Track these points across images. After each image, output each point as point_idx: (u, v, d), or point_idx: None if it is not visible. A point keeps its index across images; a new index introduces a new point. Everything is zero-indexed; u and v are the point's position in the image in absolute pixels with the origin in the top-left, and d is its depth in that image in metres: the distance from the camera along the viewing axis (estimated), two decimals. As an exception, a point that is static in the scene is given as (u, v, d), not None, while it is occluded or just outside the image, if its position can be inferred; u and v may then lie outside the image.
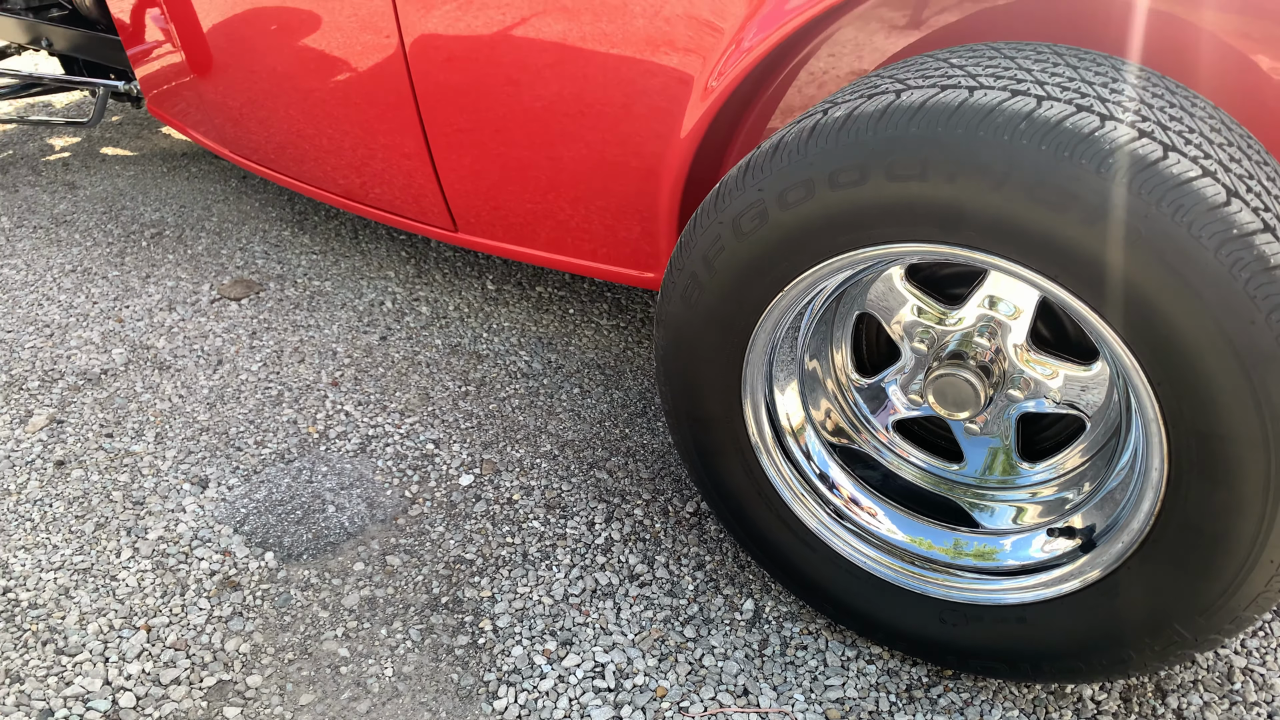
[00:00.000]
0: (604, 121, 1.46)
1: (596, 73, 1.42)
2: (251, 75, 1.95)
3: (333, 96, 1.80)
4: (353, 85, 1.75)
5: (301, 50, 1.79)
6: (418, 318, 2.07)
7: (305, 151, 1.98)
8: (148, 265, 2.28)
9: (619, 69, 1.39)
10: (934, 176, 0.94)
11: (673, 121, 1.38)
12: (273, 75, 1.89)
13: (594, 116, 1.47)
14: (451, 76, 1.58)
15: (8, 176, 2.78)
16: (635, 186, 1.52)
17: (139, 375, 1.85)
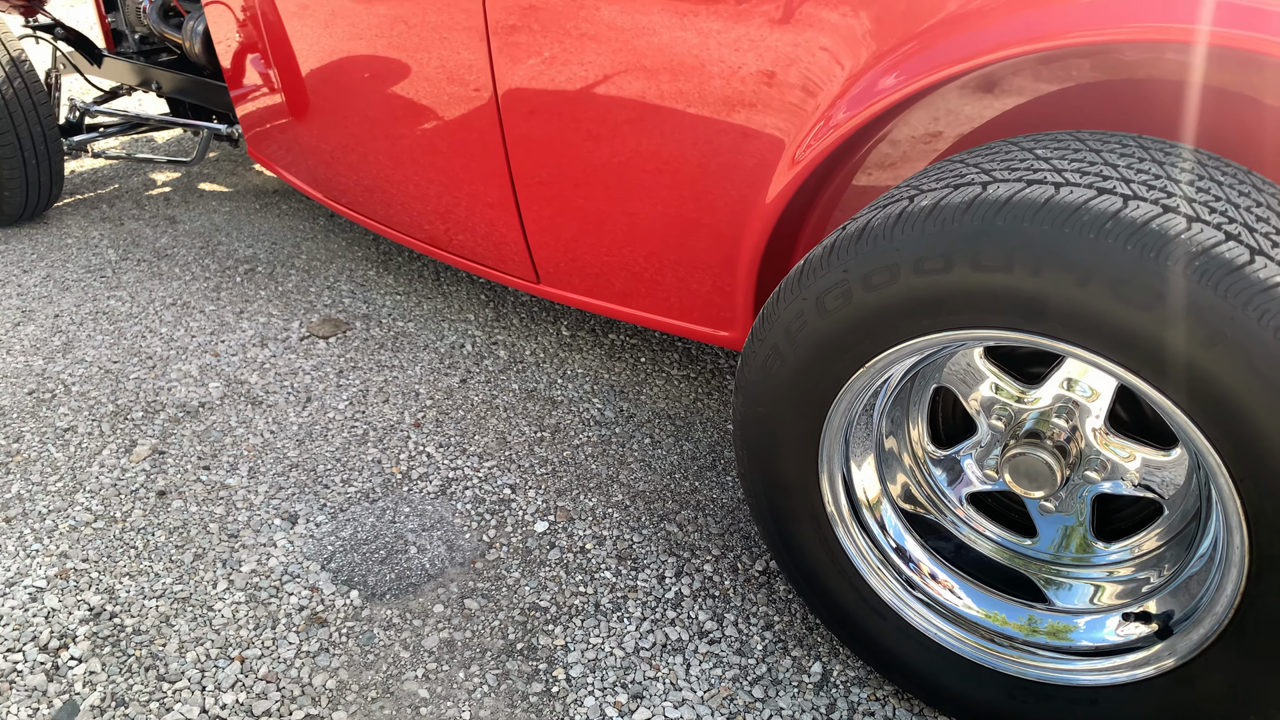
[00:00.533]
0: (682, 180, 1.52)
1: (675, 132, 1.47)
2: (345, 120, 2.05)
3: (422, 143, 1.89)
4: (443, 133, 1.83)
5: (394, 97, 1.88)
6: (496, 361, 2.14)
7: (393, 196, 2.07)
8: (241, 301, 2.40)
9: (702, 130, 1.45)
10: (1019, 269, 0.96)
11: (756, 185, 1.43)
12: (365, 120, 1.99)
13: (672, 174, 1.52)
14: (538, 129, 1.65)
15: (114, 209, 2.94)
16: (712, 245, 1.56)
17: (233, 409, 1.95)
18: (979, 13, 1.14)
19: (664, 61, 1.43)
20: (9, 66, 2.52)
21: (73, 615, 1.45)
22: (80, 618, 1.44)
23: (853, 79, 1.26)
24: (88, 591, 1.49)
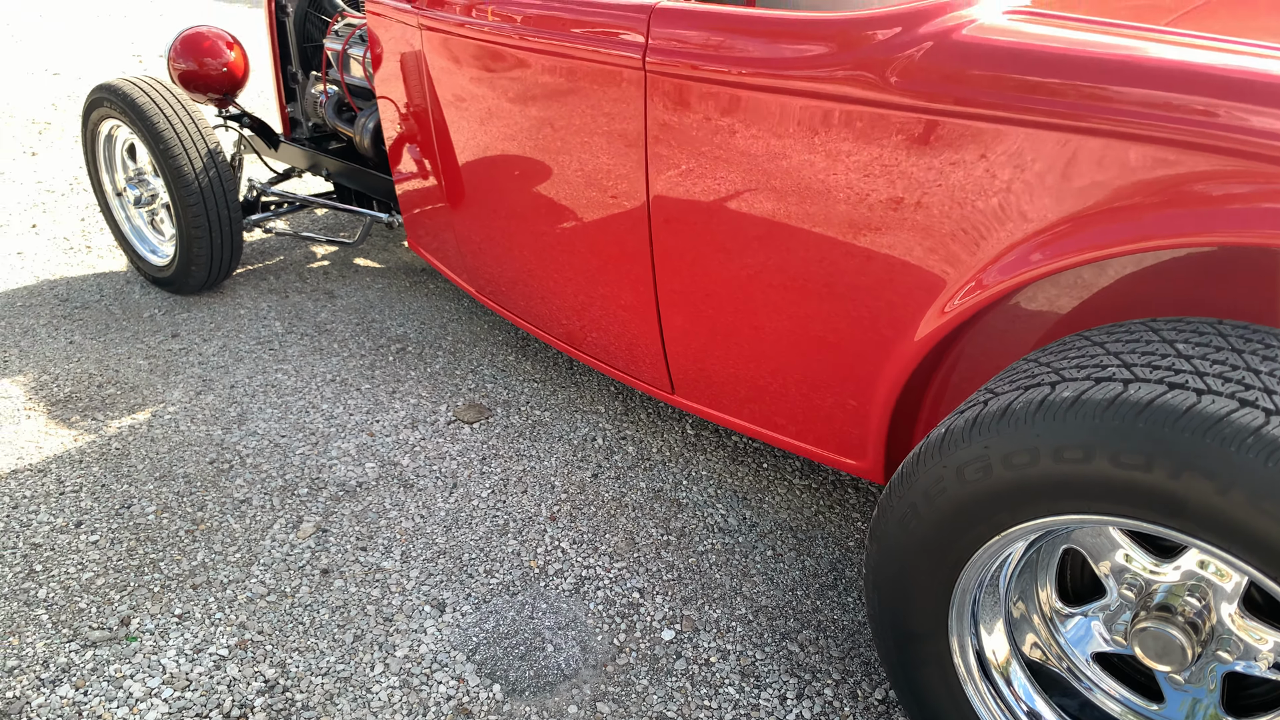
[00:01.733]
0: (827, 304, 1.61)
1: (820, 254, 1.57)
2: (494, 214, 2.22)
3: (566, 241, 2.04)
4: (588, 232, 1.98)
5: (541, 195, 2.04)
6: (625, 457, 2.26)
7: (534, 291, 2.23)
8: (394, 380, 2.60)
9: (851, 257, 1.54)
10: (1158, 470, 1.02)
11: (897, 321, 1.51)
12: (512, 215, 2.16)
13: (822, 297, 1.61)
14: (682, 237, 1.77)
15: (280, 281, 3.23)
16: (841, 369, 1.65)
17: (387, 491, 2.13)
18: (1134, 207, 1.21)
19: (815, 189, 1.54)
20: (206, 157, 2.82)
21: (250, 686, 1.61)
22: (257, 689, 1.61)
23: (1010, 247, 1.34)
24: (263, 664, 1.66)
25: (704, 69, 1.58)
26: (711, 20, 1.57)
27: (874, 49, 1.39)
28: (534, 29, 1.86)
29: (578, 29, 1.77)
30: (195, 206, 2.80)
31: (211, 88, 3.09)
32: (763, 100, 1.53)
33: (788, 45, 1.48)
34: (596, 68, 1.75)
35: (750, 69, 1.52)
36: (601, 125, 1.80)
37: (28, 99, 5.48)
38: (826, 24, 1.45)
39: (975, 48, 1.31)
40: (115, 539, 1.97)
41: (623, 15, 1.69)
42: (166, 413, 2.43)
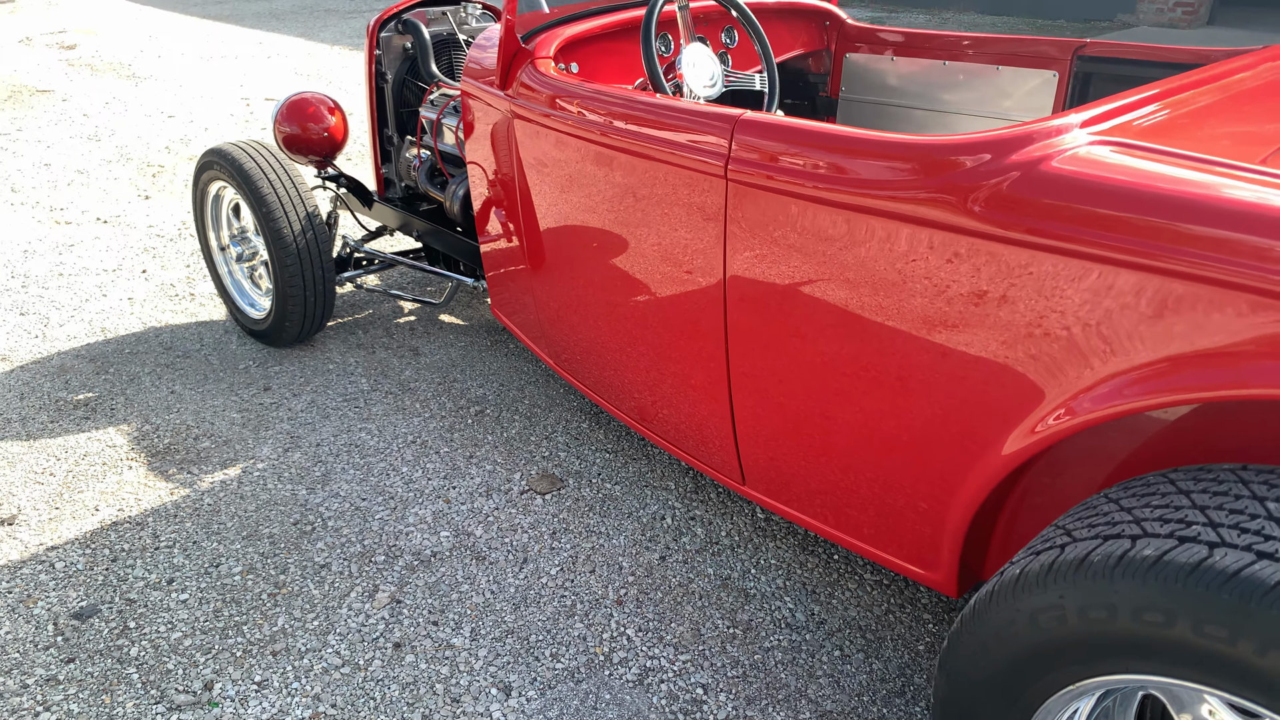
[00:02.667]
0: (901, 399, 1.60)
1: (897, 351, 1.56)
2: (572, 283, 2.27)
3: (641, 314, 2.06)
4: (664, 307, 2.00)
5: (617, 267, 2.08)
6: (693, 539, 2.27)
7: (606, 362, 2.26)
8: (471, 444, 2.67)
9: (931, 358, 1.53)
10: (1244, 646, 0.99)
11: (981, 434, 1.50)
12: (589, 285, 2.20)
13: (896, 392, 1.60)
14: (756, 318, 1.78)
15: (368, 336, 3.35)
16: (921, 476, 1.63)
17: (460, 564, 2.18)
18: (1233, 354, 1.18)
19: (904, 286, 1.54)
20: (304, 220, 2.95)
21: (322, 762, 1.67)
22: (328, 765, 1.66)
23: (1105, 379, 1.32)
24: (335, 739, 1.71)
25: (785, 181, 1.60)
26: (794, 134, 1.59)
27: (959, 175, 1.39)
28: (621, 130, 1.91)
29: (663, 132, 1.81)
30: (291, 266, 2.94)
31: (312, 151, 3.25)
32: (844, 215, 1.54)
33: (870, 164, 1.49)
34: (679, 171, 1.79)
35: (831, 185, 1.54)
36: (681, 218, 1.84)
37: (144, 142, 5.82)
38: (910, 147, 1.46)
39: (1064, 180, 1.30)
40: (203, 598, 2.06)
41: (708, 123, 1.72)
42: (256, 469, 2.54)
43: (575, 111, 2.02)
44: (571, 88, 2.04)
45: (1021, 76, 2.69)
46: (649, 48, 2.07)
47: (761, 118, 1.66)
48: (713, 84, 2.23)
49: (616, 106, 1.92)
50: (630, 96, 1.89)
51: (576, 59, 2.33)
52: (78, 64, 8.41)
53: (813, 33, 3.01)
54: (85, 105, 6.73)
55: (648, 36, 2.06)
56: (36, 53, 8.88)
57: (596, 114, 1.96)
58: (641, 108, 1.86)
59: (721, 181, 1.71)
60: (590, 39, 2.35)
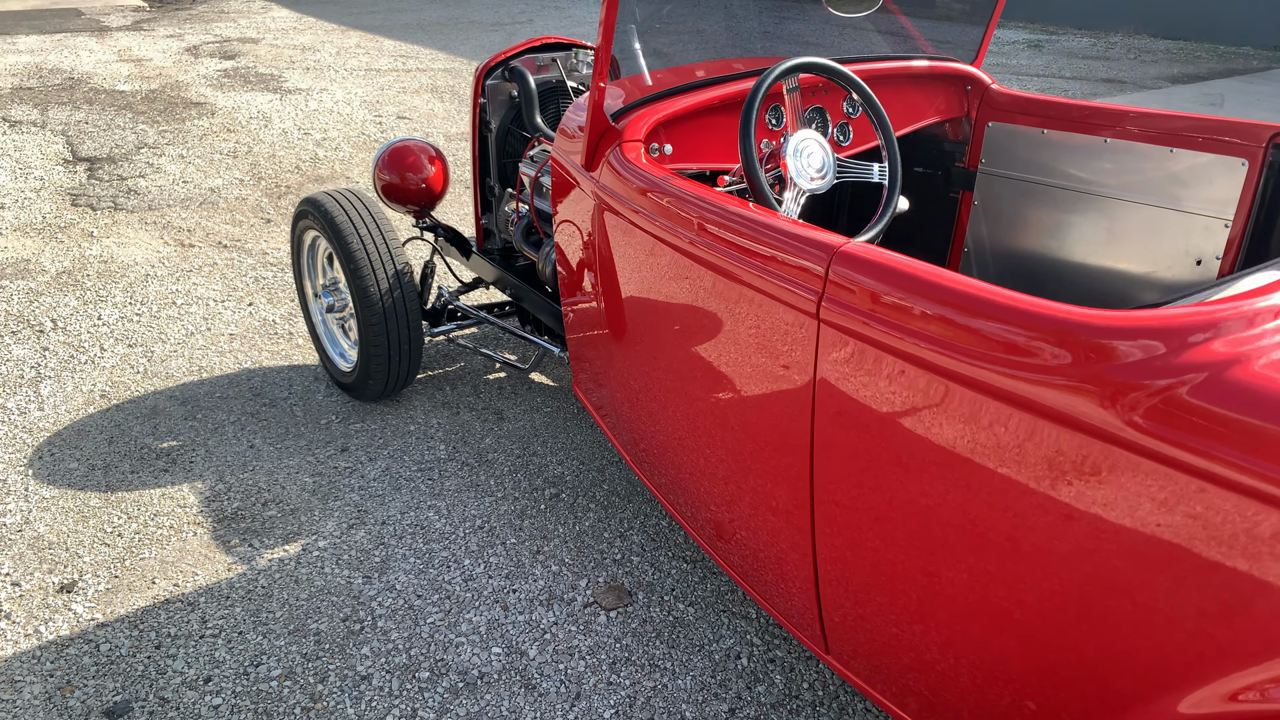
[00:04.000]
0: (1014, 565, 1.29)
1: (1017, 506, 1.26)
2: (649, 366, 2.02)
3: (719, 411, 1.79)
4: (745, 406, 1.72)
5: (698, 354, 1.81)
6: (770, 689, 2.00)
7: (680, 464, 2.00)
8: (540, 536, 2.47)
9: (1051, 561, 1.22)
10: None
11: (1151, 671, 1.18)
12: (668, 371, 1.94)
13: (990, 547, 1.30)
14: (854, 437, 1.48)
15: (454, 394, 3.22)
16: (1035, 670, 1.32)
17: (507, 691, 1.98)
18: None
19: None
20: (393, 279, 2.84)
21: None
22: None
23: None
24: None
25: (884, 332, 1.32)
26: (905, 277, 1.31)
27: (1117, 369, 1.08)
28: (706, 240, 1.67)
29: (752, 252, 1.56)
30: (376, 326, 2.83)
31: (410, 200, 3.14)
32: (951, 388, 1.25)
33: (997, 328, 1.20)
34: (768, 299, 1.53)
35: (939, 348, 1.25)
36: (769, 345, 1.58)
37: (275, 160, 5.95)
38: (1050, 317, 1.15)
39: (1272, 395, 0.98)
40: (236, 705, 1.94)
41: (803, 249, 1.46)
42: (316, 547, 2.43)
43: (660, 209, 1.79)
44: (658, 183, 1.81)
45: (1201, 162, 2.29)
46: (748, 147, 1.81)
47: (866, 252, 1.38)
48: (822, 174, 1.96)
49: (704, 212, 1.68)
50: (719, 205, 1.64)
51: (672, 138, 2.10)
52: (234, 75, 8.80)
53: (952, 98, 2.68)
54: (231, 119, 6.98)
55: (747, 132, 1.80)
56: (200, 63, 9.36)
57: (682, 217, 1.73)
58: (730, 220, 1.61)
59: (813, 321, 1.44)
60: (689, 115, 2.11)
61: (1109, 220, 2.48)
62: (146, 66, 9.02)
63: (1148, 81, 8.86)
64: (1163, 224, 2.39)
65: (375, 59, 9.75)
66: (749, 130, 1.81)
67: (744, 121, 1.81)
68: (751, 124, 1.81)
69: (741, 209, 1.60)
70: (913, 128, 2.58)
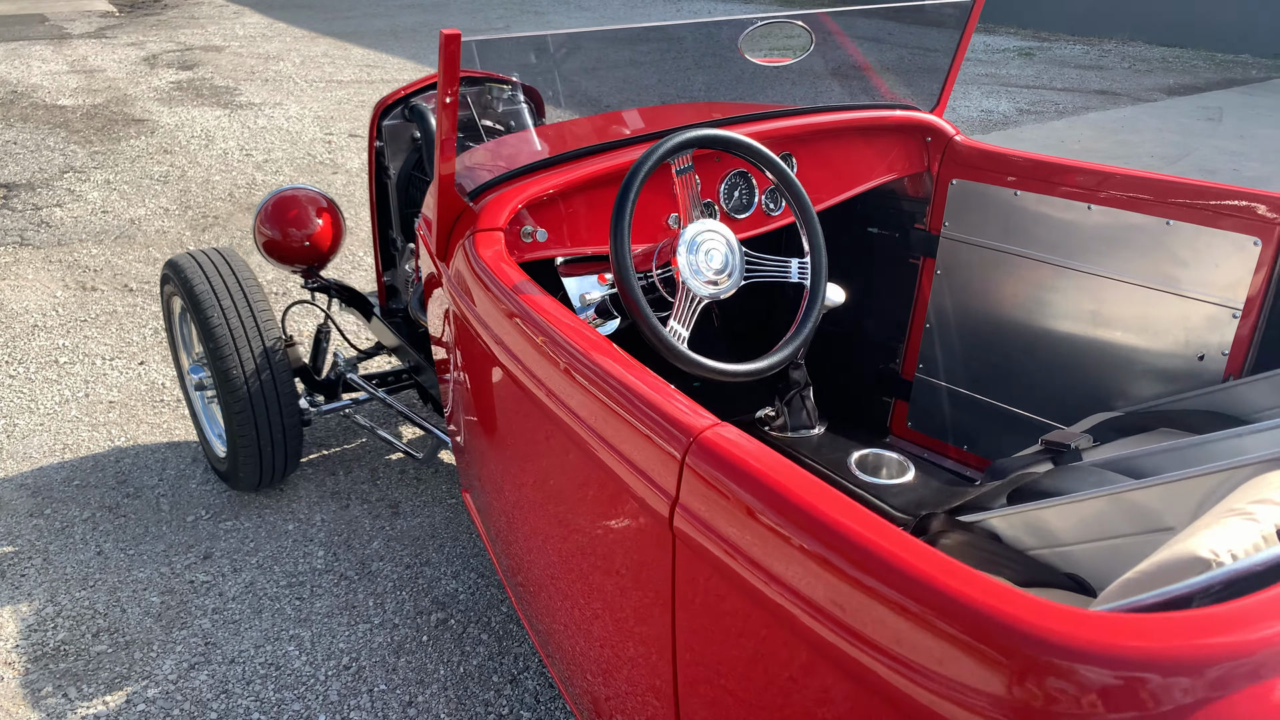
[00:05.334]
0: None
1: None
2: (514, 491, 1.61)
3: (578, 536, 1.38)
4: (603, 537, 1.32)
5: (560, 498, 1.41)
6: None
7: (553, 604, 1.59)
8: (416, 682, 2.07)
9: None
10: None
11: None
12: (529, 503, 1.54)
13: None
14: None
15: (348, 480, 2.81)
16: None
17: None
18: None
19: None
20: (261, 359, 2.43)
21: None
22: None
23: None
24: None
25: (750, 571, 0.91)
26: (777, 497, 0.90)
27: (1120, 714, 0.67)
28: (551, 381, 1.26)
29: (592, 423, 1.15)
30: (242, 414, 2.42)
31: (296, 259, 2.74)
32: (840, 684, 0.84)
33: (912, 627, 0.79)
34: (617, 483, 1.12)
35: (820, 619, 0.84)
36: (623, 551, 1.17)
37: (209, 186, 5.54)
38: (971, 608, 0.74)
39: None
40: None
41: (652, 425, 1.05)
42: (143, 699, 2.02)
43: (505, 326, 1.38)
44: (505, 294, 1.40)
45: (1205, 238, 1.89)
46: (620, 251, 1.40)
47: (734, 445, 0.97)
48: (727, 274, 1.55)
49: (548, 345, 1.27)
50: (566, 342, 1.23)
51: (547, 221, 1.69)
52: (187, 88, 8.39)
53: (910, 152, 2.27)
54: (171, 139, 6.57)
55: (619, 234, 1.39)
56: (155, 74, 8.95)
57: (525, 345, 1.32)
58: (576, 367, 1.20)
59: (666, 532, 1.03)
60: (567, 193, 1.71)
61: (1094, 301, 2.08)
62: (96, 79, 8.61)
63: (1143, 93, 8.46)
64: (1158, 309, 1.98)
65: (340, 69, 9.34)
66: (621, 231, 1.40)
67: (616, 218, 1.40)
68: (625, 222, 1.40)
69: (586, 351, 1.19)
70: (861, 188, 2.17)
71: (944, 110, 2.27)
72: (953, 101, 7.88)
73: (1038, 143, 6.66)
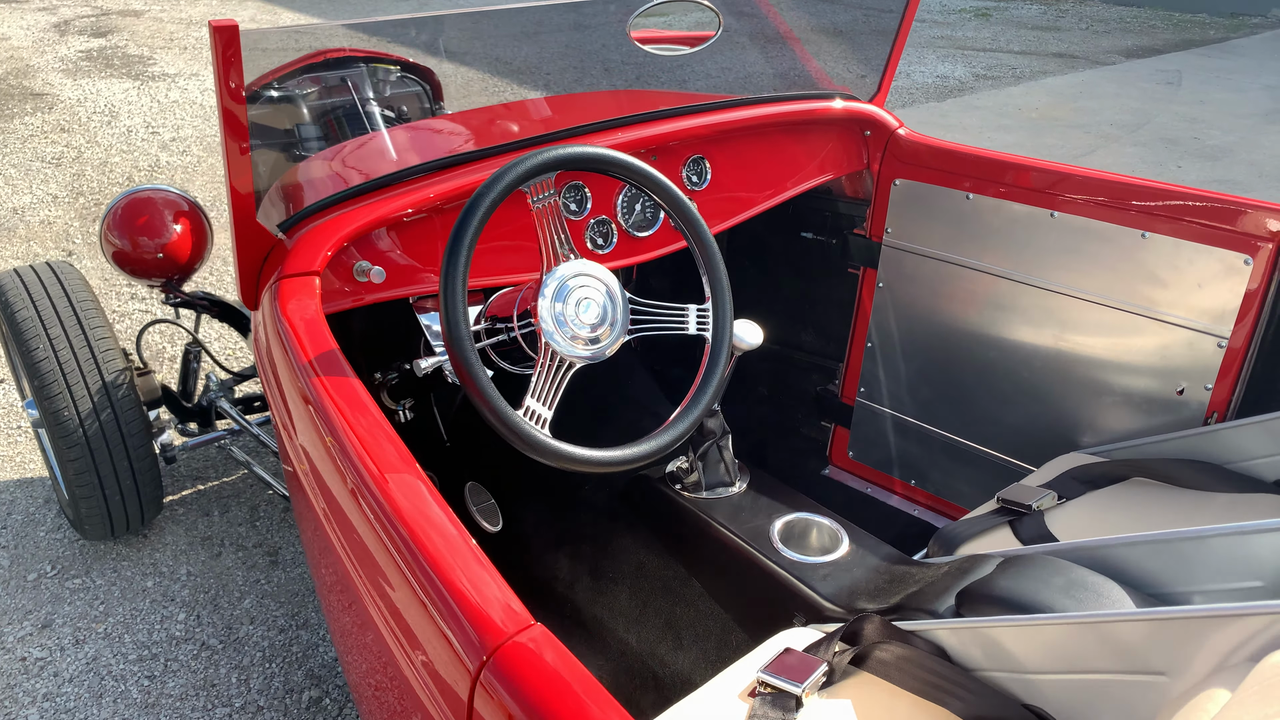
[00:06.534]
0: None
1: None
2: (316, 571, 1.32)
3: None
4: None
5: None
6: None
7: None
8: (275, 783, 1.76)
9: None
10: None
11: None
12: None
13: None
14: None
15: (223, 522, 2.47)
16: None
17: None
18: None
19: None
20: (99, 396, 2.08)
21: None
22: None
23: None
24: None
25: None
26: None
27: None
28: (334, 520, 0.94)
29: (380, 598, 0.84)
30: (79, 461, 2.07)
31: (151, 272, 2.36)
32: None
33: None
34: (411, 673, 0.82)
35: None
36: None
37: (106, 169, 5.08)
38: None
39: None
40: None
41: (446, 622, 0.74)
42: (-57, 820, 1.69)
43: (302, 418, 1.06)
44: (300, 375, 1.08)
45: (1187, 254, 1.60)
46: (453, 306, 1.06)
47: (533, 660, 0.66)
48: (606, 326, 1.23)
49: (340, 458, 0.95)
50: (357, 464, 0.91)
51: (385, 259, 1.36)
52: (96, 57, 7.81)
53: (847, 148, 1.96)
54: (71, 115, 6.06)
55: (451, 287, 1.05)
56: (65, 42, 8.34)
57: (317, 447, 1.00)
58: (366, 503, 0.88)
59: None
60: (409, 220, 1.38)
61: (1057, 322, 1.79)
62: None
63: (1101, 56, 8.21)
64: (1132, 335, 1.71)
65: (265, 36, 8.77)
66: (454, 287, 1.06)
67: (446, 278, 1.06)
68: (459, 273, 1.07)
69: (378, 482, 0.87)
70: (789, 194, 1.86)
71: (885, 99, 1.96)
72: (906, 67, 7.57)
73: (993, 109, 6.39)
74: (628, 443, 1.19)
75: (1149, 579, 1.20)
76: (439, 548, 0.78)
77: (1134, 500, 1.52)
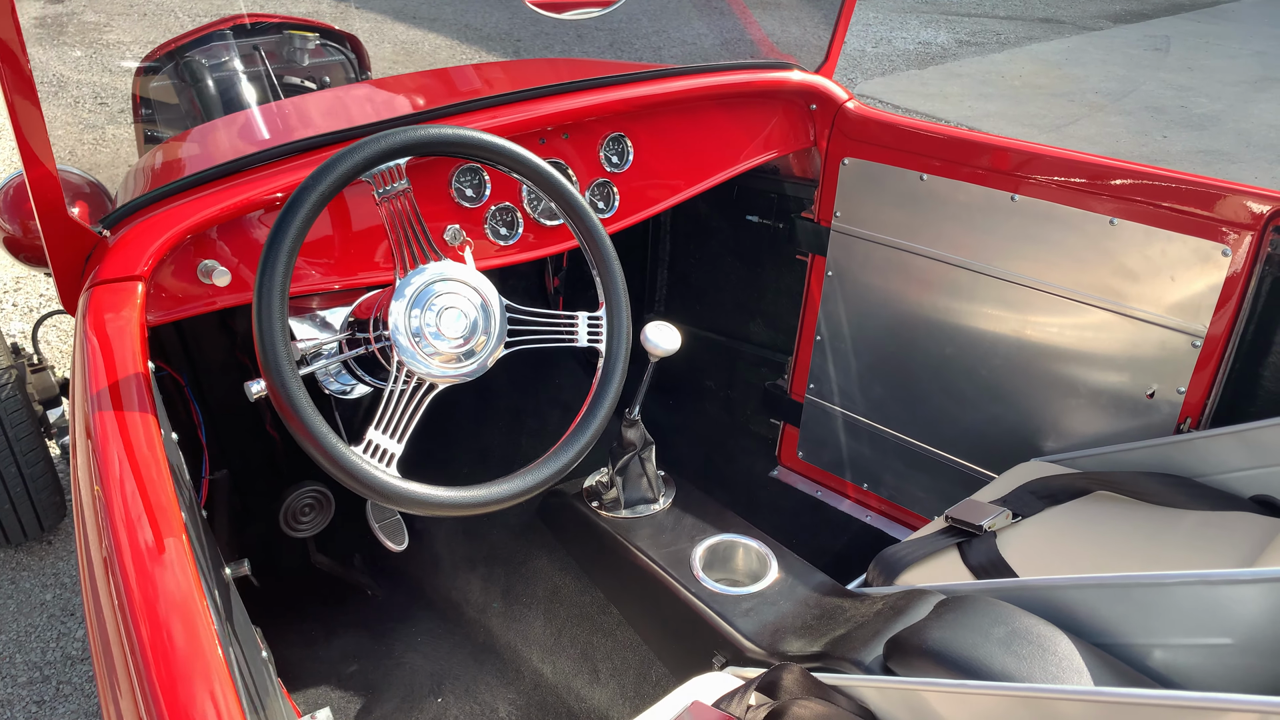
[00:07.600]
0: None
1: None
2: None
3: None
4: None
5: None
6: None
7: None
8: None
9: None
10: None
11: None
12: None
13: None
14: None
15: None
16: None
17: None
18: None
19: None
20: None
21: None
22: None
23: None
24: None
25: None
26: None
27: None
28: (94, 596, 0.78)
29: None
30: (-43, 468, 1.90)
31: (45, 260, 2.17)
32: None
33: None
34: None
35: None
36: None
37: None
38: None
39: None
40: None
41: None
42: None
43: (87, 458, 0.89)
44: (95, 405, 0.91)
45: (1159, 244, 1.44)
46: (268, 321, 0.89)
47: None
48: (479, 339, 1.06)
49: (102, 515, 0.79)
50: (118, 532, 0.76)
51: (229, 258, 1.18)
52: (50, 25, 7.50)
53: (792, 124, 1.78)
54: (10, 87, 5.79)
55: (267, 297, 0.88)
56: (20, 8, 8.01)
57: (95, 497, 0.84)
58: (119, 588, 0.73)
59: None
60: (257, 214, 1.20)
61: (1018, 316, 1.63)
62: (-57, 15, 7.67)
63: (1088, 21, 7.99)
64: (1098, 331, 1.55)
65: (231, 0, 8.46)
66: (269, 299, 0.89)
67: (261, 287, 0.89)
68: (275, 286, 0.90)
69: (139, 560, 0.71)
70: (723, 176, 1.68)
71: (834, 69, 1.78)
72: (888, 33, 7.33)
73: (976, 77, 6.18)
74: (502, 478, 1.02)
75: (1104, 626, 1.05)
76: (175, 658, 0.63)
77: (1096, 518, 1.37)
